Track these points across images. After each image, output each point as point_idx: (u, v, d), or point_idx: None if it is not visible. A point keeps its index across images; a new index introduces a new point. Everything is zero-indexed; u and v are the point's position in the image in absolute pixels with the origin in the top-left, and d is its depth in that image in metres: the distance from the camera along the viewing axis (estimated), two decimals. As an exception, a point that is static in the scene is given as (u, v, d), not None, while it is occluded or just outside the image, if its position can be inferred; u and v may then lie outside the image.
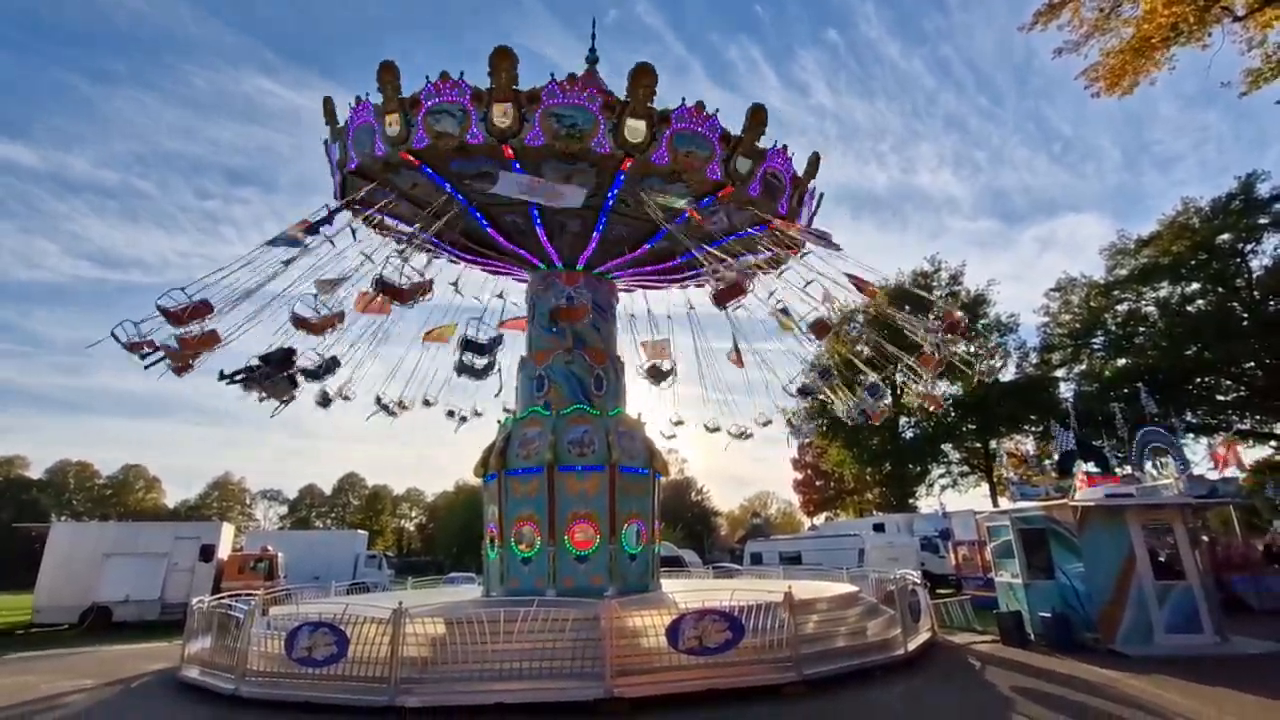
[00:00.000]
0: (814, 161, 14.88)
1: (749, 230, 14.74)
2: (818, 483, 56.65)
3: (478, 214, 13.97)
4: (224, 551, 23.54)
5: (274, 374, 12.60)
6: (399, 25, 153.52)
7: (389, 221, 14.53)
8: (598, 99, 11.65)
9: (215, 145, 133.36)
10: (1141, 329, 35.86)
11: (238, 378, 12.38)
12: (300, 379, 13.55)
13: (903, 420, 42.50)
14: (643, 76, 11.44)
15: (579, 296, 15.26)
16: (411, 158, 12.14)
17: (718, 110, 12.29)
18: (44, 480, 79.84)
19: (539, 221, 13.87)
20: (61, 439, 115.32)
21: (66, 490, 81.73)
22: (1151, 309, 36.05)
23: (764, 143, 12.99)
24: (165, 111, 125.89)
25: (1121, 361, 35.89)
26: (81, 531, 25.03)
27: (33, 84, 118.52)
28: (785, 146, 13.68)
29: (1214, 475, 17.44)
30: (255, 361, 12.49)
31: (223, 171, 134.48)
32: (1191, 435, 32.59)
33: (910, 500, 42.30)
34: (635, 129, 11.55)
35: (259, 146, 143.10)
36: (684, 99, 12.00)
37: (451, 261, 16.76)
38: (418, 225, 13.32)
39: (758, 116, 12.42)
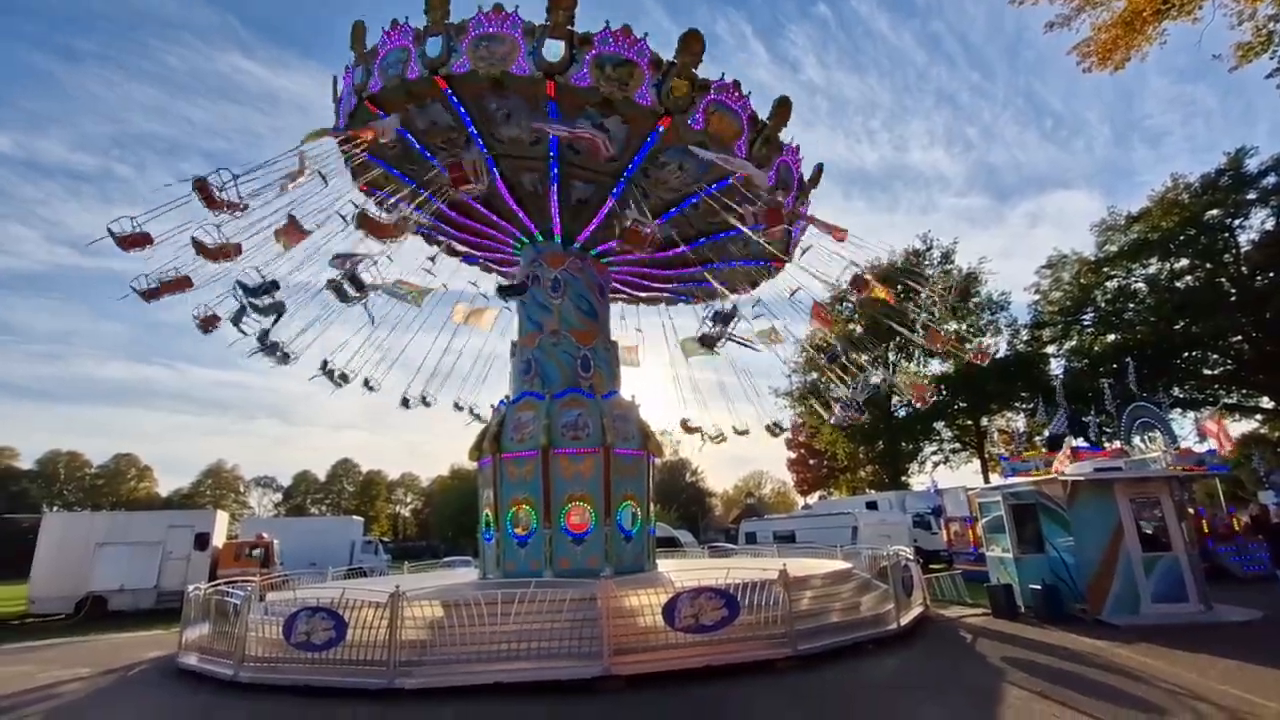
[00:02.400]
0: (817, 172, 15.14)
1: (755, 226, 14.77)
2: (811, 462, 57.02)
3: (493, 167, 13.51)
4: (219, 539, 23.52)
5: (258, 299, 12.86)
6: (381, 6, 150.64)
7: (372, 164, 13.97)
8: (646, 54, 11.72)
9: (192, 126, 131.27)
10: (1131, 305, 36.09)
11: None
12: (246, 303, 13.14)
13: (894, 399, 42.80)
14: (693, 43, 11.70)
15: (565, 279, 15.22)
16: (445, 85, 11.75)
17: (750, 93, 12.60)
18: (34, 471, 79.41)
19: (556, 180, 13.61)
20: (46, 429, 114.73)
21: (57, 481, 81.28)
22: (1141, 285, 36.27)
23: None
24: (138, 91, 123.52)
25: (1111, 337, 36.19)
26: (74, 521, 24.94)
27: None
28: (798, 146, 14.07)
29: (1201, 448, 17.69)
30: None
31: (200, 154, 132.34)
32: (1179, 410, 32.98)
33: (903, 478, 42.71)
34: (680, 87, 11.73)
35: (236, 129, 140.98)
36: (723, 74, 12.29)
37: (429, 232, 16.48)
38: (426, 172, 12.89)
39: (784, 109, 13.05)
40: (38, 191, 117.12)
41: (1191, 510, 13.05)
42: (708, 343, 14.76)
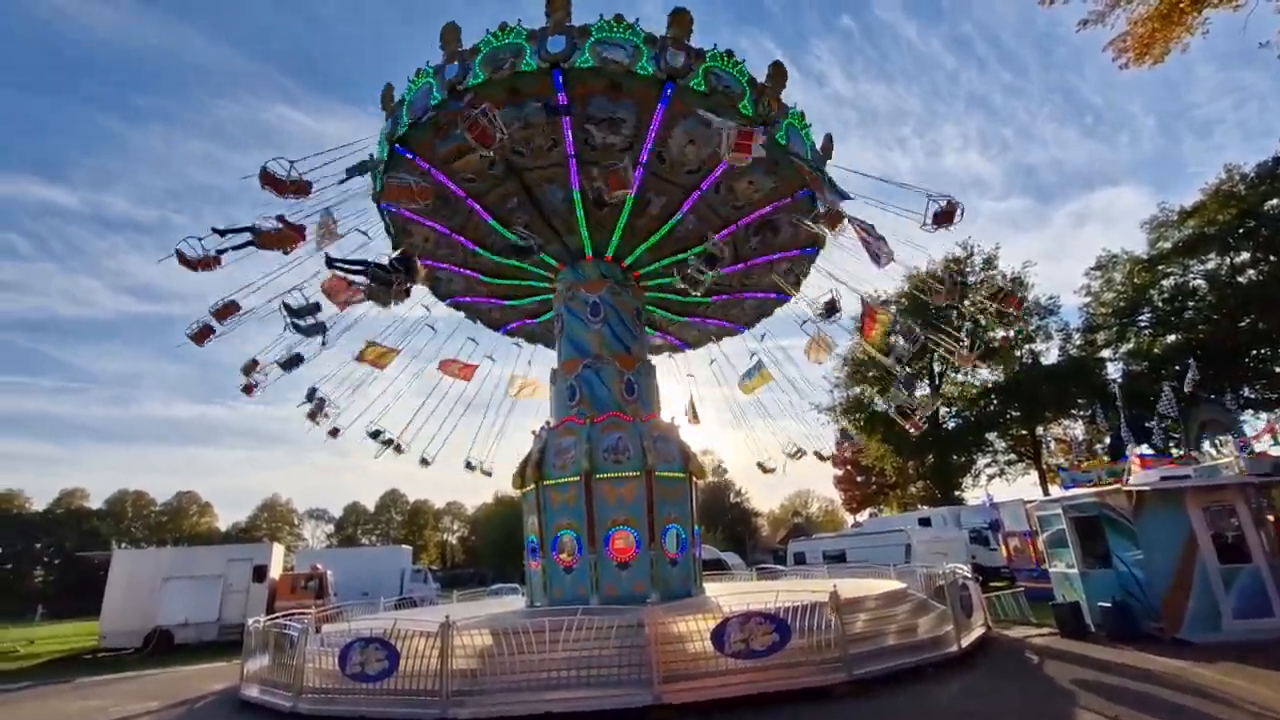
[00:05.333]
0: (828, 142, 15.02)
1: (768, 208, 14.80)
2: (859, 479, 55.68)
3: (517, 180, 13.81)
4: (276, 571, 24.16)
5: (389, 277, 12.04)
6: (414, 47, 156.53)
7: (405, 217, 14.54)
8: (641, 34, 12.07)
9: (242, 175, 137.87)
10: (1190, 303, 34.51)
11: (353, 268, 12.41)
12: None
13: (943, 410, 41.67)
14: (682, 17, 12.18)
15: (604, 304, 15.41)
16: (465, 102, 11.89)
17: (745, 59, 12.76)
18: (103, 510, 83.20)
19: (578, 185, 13.74)
20: (114, 468, 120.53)
21: (125, 519, 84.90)
22: (1200, 282, 34.70)
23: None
24: (193, 145, 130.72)
25: (1171, 338, 34.61)
26: (141, 558, 25.96)
27: (67, 125, 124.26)
28: (804, 112, 13.99)
29: (1276, 451, 16.65)
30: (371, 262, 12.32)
31: (251, 201, 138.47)
32: (1250, 411, 31.24)
33: (956, 492, 41.35)
34: (675, 56, 12.01)
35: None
36: (715, 44, 12.40)
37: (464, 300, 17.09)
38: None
39: (780, 70, 13.30)
40: (104, 244, 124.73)
41: (1271, 517, 12.26)
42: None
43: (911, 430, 19.05)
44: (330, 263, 12.44)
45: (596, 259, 15.65)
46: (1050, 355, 40.40)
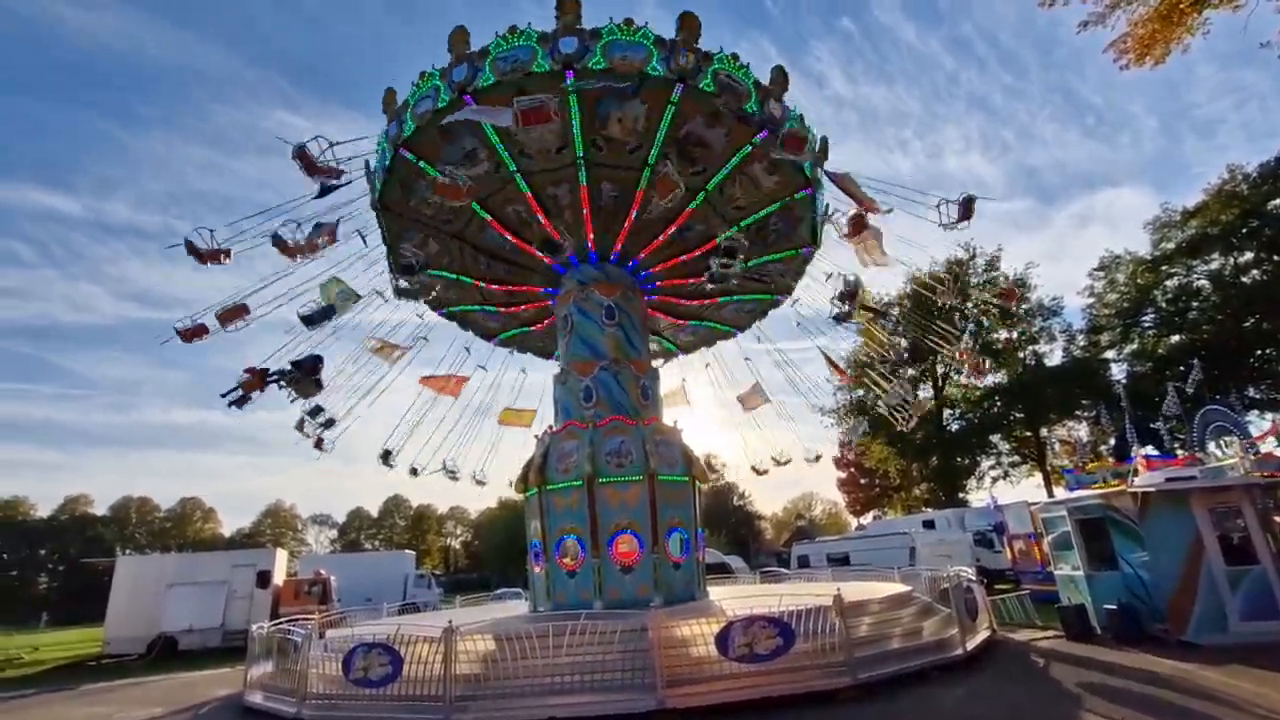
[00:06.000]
0: (824, 144, 14.97)
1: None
2: (862, 481, 55.58)
3: (525, 184, 13.81)
4: (279, 577, 24.17)
5: (302, 377, 13.93)
6: (413, 50, 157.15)
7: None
8: (650, 35, 12.16)
9: (243, 180, 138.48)
10: (1194, 303, 34.42)
11: (271, 378, 13.71)
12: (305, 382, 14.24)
13: (946, 412, 41.55)
14: (689, 21, 12.31)
15: (618, 307, 15.55)
16: (472, 102, 12.08)
17: (749, 64, 12.87)
18: (108, 516, 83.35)
19: (585, 181, 13.76)
20: (117, 474, 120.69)
21: (129, 525, 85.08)
22: (1204, 282, 34.61)
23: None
24: (193, 151, 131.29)
25: (1175, 338, 34.51)
26: (146, 564, 25.97)
27: (69, 132, 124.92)
28: (803, 115, 13.94)
29: (1281, 451, 16.55)
30: (286, 366, 13.80)
31: (251, 205, 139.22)
32: (1255, 411, 31.13)
33: (960, 494, 41.20)
34: (687, 58, 12.13)
35: (285, 180, 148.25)
36: (721, 46, 12.55)
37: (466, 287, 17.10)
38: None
39: (782, 74, 13.36)
40: (105, 250, 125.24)
41: (1278, 518, 12.19)
42: (842, 319, 15.71)
43: (901, 428, 19.18)
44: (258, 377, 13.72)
45: (604, 261, 15.71)
46: (1054, 356, 40.34)
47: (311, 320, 13.72)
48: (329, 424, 16.74)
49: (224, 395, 13.62)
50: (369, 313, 16.22)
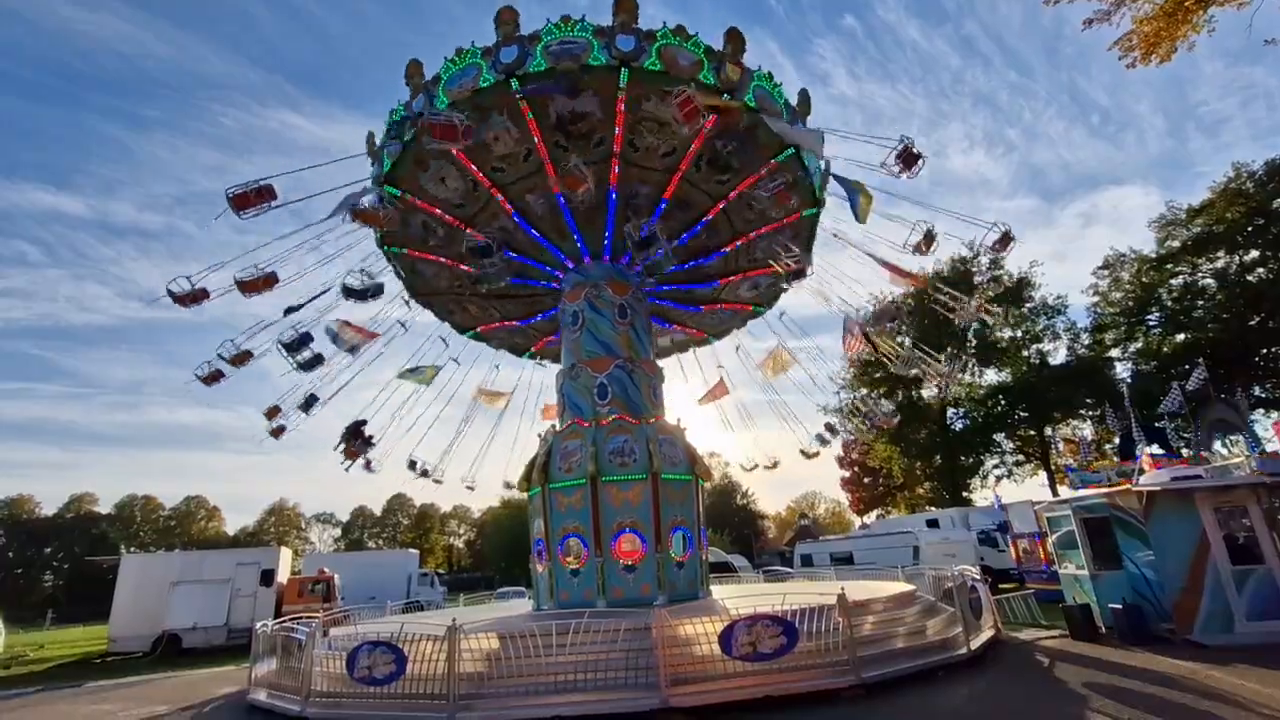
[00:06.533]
0: (804, 97, 15.01)
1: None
2: (866, 480, 55.50)
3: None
4: (283, 575, 24.22)
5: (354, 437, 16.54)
6: (414, 51, 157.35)
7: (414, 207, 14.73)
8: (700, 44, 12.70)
9: (243, 180, 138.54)
10: (1200, 302, 34.22)
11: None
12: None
13: (950, 411, 41.45)
14: (626, 2, 12.44)
15: (630, 307, 15.70)
16: (516, 90, 12.25)
17: (698, 32, 12.84)
18: (112, 515, 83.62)
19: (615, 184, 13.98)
20: (122, 473, 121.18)
21: (134, 523, 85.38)
22: (1209, 280, 34.40)
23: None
24: (197, 152, 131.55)
25: (1180, 337, 34.35)
26: (150, 562, 26.02)
27: (74, 134, 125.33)
28: (771, 73, 13.85)
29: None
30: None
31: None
32: (1261, 410, 30.98)
33: (964, 494, 41.11)
34: (626, 40, 12.21)
35: (289, 180, 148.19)
36: (664, 22, 12.57)
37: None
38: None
39: (735, 36, 13.15)
40: (110, 251, 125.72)
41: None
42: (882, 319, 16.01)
43: (883, 427, 19.40)
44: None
45: (613, 260, 15.78)
46: (1058, 355, 40.23)
47: (354, 294, 14.43)
48: (369, 442, 17.43)
49: (337, 448, 16.41)
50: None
